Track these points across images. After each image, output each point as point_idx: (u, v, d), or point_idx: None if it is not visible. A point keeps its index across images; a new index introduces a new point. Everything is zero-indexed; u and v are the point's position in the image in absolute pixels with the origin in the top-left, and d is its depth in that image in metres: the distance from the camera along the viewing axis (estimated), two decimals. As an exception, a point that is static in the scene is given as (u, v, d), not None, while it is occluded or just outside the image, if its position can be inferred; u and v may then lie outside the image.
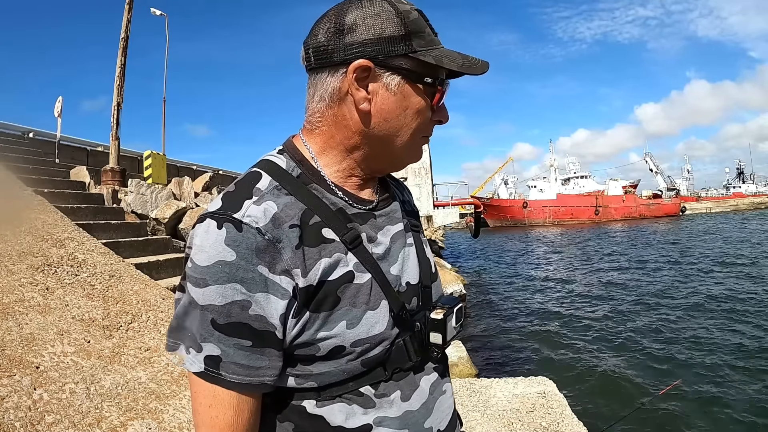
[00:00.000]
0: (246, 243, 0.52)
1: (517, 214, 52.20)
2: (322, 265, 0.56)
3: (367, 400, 0.60)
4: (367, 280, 0.60)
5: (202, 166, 15.57)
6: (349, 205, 0.63)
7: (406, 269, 0.66)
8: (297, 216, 0.57)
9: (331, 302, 0.56)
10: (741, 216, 41.78)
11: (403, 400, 0.62)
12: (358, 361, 0.58)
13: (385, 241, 0.65)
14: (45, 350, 2.30)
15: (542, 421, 2.74)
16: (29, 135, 9.89)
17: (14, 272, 2.92)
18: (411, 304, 0.65)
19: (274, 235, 0.54)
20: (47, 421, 1.85)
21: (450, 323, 0.65)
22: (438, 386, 0.68)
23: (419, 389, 0.64)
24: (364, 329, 0.58)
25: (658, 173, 64.47)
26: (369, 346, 0.58)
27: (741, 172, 69.57)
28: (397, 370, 0.62)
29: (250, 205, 0.55)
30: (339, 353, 0.57)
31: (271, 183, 0.59)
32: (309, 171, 0.62)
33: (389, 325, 0.60)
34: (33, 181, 5.17)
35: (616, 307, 8.81)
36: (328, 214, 0.59)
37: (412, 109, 0.61)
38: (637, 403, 4.31)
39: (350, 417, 0.59)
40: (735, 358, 5.56)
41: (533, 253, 21.61)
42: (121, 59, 8.29)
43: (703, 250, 16.81)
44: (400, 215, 0.70)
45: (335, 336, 0.56)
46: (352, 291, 0.58)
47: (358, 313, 0.58)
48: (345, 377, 0.58)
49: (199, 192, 9.02)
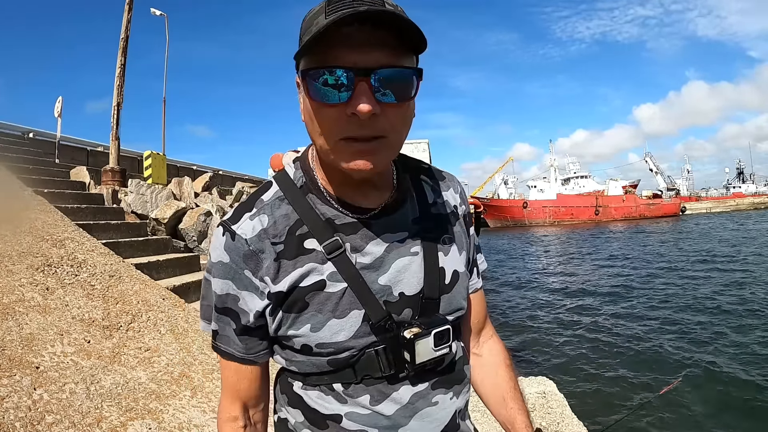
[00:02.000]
0: (236, 250, 0.63)
1: (517, 214, 52.15)
2: (294, 274, 0.63)
3: (338, 395, 0.66)
4: (340, 289, 0.63)
5: (202, 166, 15.57)
6: (341, 215, 0.65)
7: (402, 279, 0.65)
8: (284, 230, 0.64)
9: (300, 306, 0.63)
10: (741, 216, 41.81)
11: (372, 405, 0.65)
12: (325, 361, 0.65)
13: (375, 250, 0.65)
14: (45, 350, 2.30)
15: (542, 421, 2.74)
16: (29, 135, 9.90)
17: (14, 272, 2.92)
18: (401, 315, 0.65)
19: (258, 247, 0.63)
20: (47, 421, 1.85)
21: (423, 344, 0.62)
22: (425, 397, 0.67)
23: (394, 397, 0.65)
24: (327, 334, 0.63)
25: (658, 173, 64.44)
26: (332, 351, 0.64)
27: (741, 172, 69.55)
28: (367, 377, 0.65)
29: (246, 218, 0.64)
30: (308, 351, 0.65)
31: (276, 193, 0.66)
32: (310, 180, 0.67)
33: (358, 333, 0.63)
34: (33, 182, 5.17)
35: (616, 306, 8.81)
36: (316, 224, 0.64)
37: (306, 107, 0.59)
38: (637, 402, 4.32)
39: (325, 404, 0.67)
40: (735, 357, 5.56)
41: (533, 254, 21.61)
42: (121, 59, 8.29)
43: (703, 250, 16.81)
44: (408, 222, 0.68)
45: (302, 336, 0.64)
46: (320, 298, 0.63)
47: (322, 318, 0.63)
48: (317, 371, 0.66)
49: (199, 192, 9.02)
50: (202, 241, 6.67)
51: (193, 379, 2.60)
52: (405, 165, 0.74)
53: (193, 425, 2.21)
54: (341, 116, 0.55)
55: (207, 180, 10.50)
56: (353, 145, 0.56)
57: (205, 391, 2.53)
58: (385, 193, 0.68)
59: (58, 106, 9.52)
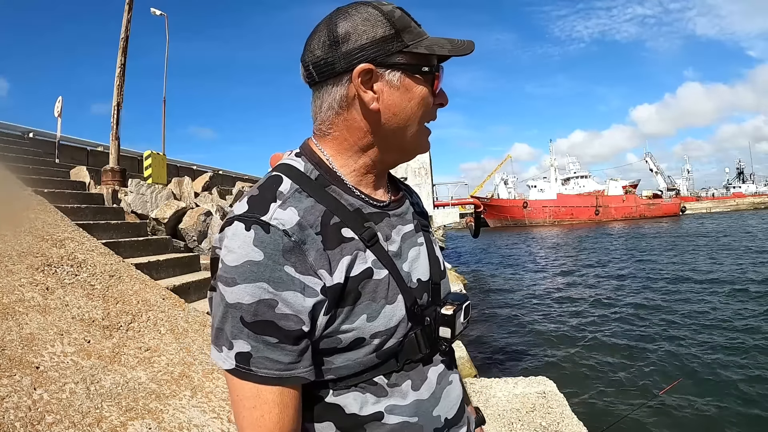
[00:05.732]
0: (273, 244, 0.55)
1: (517, 214, 52.14)
2: (345, 262, 0.59)
3: (380, 389, 0.63)
4: (385, 276, 0.63)
5: (202, 166, 15.56)
6: (366, 204, 0.67)
7: (417, 267, 0.70)
8: (318, 220, 0.60)
9: (353, 297, 0.60)
10: (740, 215, 41.78)
11: (414, 390, 0.66)
12: (374, 353, 0.62)
13: (397, 239, 0.69)
14: (45, 350, 2.30)
15: (542, 421, 2.74)
16: (29, 135, 9.89)
17: (14, 272, 2.92)
18: (422, 299, 0.69)
19: (300, 237, 0.57)
20: (47, 421, 1.85)
21: (459, 319, 0.69)
22: (445, 377, 0.71)
23: (428, 380, 0.68)
24: (383, 322, 0.62)
25: (658, 173, 64.42)
26: (386, 338, 0.62)
27: (741, 172, 69.53)
28: (408, 362, 0.65)
29: (276, 208, 0.58)
30: (359, 345, 0.61)
31: (292, 186, 0.62)
32: (327, 173, 0.66)
33: (404, 318, 0.64)
34: (33, 181, 5.17)
35: (616, 306, 8.81)
36: (346, 214, 0.63)
37: (415, 98, 0.65)
38: (637, 402, 4.32)
39: (364, 405, 0.63)
40: (735, 356, 5.56)
41: (533, 254, 21.60)
42: (121, 59, 8.29)
43: (702, 250, 16.81)
44: (411, 216, 0.74)
45: (356, 329, 0.60)
46: (371, 286, 0.62)
47: (377, 307, 0.62)
48: (361, 369, 0.62)
49: (199, 192, 9.02)
50: (202, 241, 6.67)
51: (193, 379, 2.60)
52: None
53: (193, 425, 2.21)
54: (430, 104, 0.67)
55: (207, 180, 10.50)
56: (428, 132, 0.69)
57: (205, 391, 2.53)
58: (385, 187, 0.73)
59: (58, 106, 9.52)
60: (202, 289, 4.56)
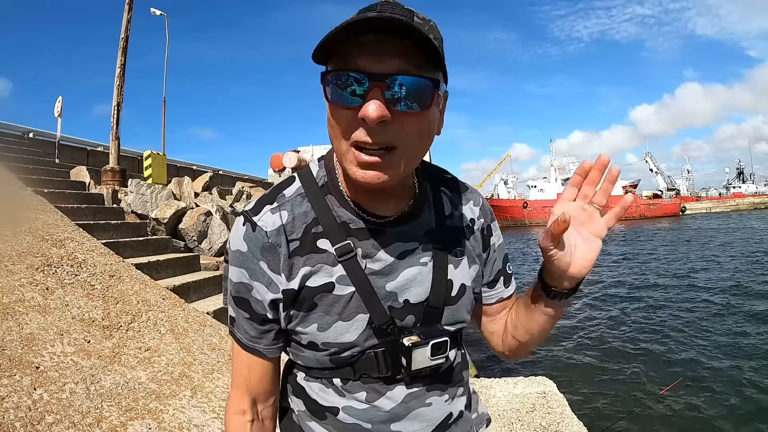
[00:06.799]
0: (255, 241, 0.64)
1: (517, 214, 52.12)
2: (303, 272, 0.64)
3: (337, 389, 0.69)
4: (348, 293, 0.65)
5: (202, 166, 15.56)
6: (356, 219, 0.65)
7: (409, 287, 0.67)
8: (301, 227, 0.65)
9: (308, 305, 0.65)
10: (740, 216, 41.79)
11: (368, 402, 0.68)
12: (327, 358, 0.67)
13: (386, 257, 0.66)
14: (45, 350, 2.30)
15: (542, 421, 2.74)
16: (29, 135, 9.89)
17: (14, 272, 2.92)
18: (404, 321, 0.67)
19: (276, 240, 0.64)
20: (47, 421, 1.85)
21: (420, 353, 0.64)
22: (419, 398, 0.70)
23: (391, 395, 0.68)
24: (332, 335, 0.65)
25: (658, 173, 64.38)
26: (337, 350, 0.66)
27: (741, 172, 69.51)
28: (365, 376, 0.67)
29: (266, 211, 0.65)
30: (313, 347, 0.67)
31: (298, 190, 0.67)
32: (332, 181, 0.68)
33: (362, 336, 0.66)
34: (33, 181, 5.17)
35: (616, 306, 8.80)
36: (331, 226, 0.65)
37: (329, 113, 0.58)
38: (637, 402, 4.32)
39: (325, 396, 0.70)
40: (735, 356, 5.56)
41: (533, 254, 21.60)
42: (121, 59, 8.29)
43: (702, 250, 16.81)
44: (423, 232, 0.69)
45: (309, 333, 0.66)
46: (329, 300, 0.65)
47: (329, 320, 0.65)
48: (320, 366, 0.69)
49: (198, 192, 9.02)
50: (202, 241, 6.66)
51: (193, 379, 2.60)
52: (426, 174, 0.74)
53: (193, 425, 2.21)
54: (353, 121, 0.54)
55: (207, 180, 10.51)
56: (362, 155, 0.55)
57: (205, 391, 2.53)
58: (405, 200, 0.68)
59: (58, 106, 9.52)
60: (202, 289, 4.57)
